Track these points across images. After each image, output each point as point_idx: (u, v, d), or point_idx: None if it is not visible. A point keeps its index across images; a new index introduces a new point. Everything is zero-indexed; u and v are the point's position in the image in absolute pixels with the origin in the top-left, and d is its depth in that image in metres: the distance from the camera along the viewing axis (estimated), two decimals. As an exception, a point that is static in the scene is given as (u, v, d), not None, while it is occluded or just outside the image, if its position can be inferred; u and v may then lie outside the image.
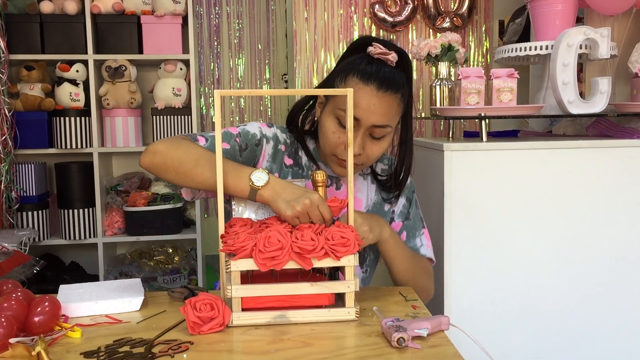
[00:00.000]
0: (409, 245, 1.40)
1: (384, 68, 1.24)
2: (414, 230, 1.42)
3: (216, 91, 1.09)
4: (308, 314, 1.09)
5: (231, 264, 1.05)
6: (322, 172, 1.18)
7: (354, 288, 1.09)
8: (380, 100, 1.22)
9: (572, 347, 1.63)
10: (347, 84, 1.24)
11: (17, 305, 1.04)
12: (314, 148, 1.39)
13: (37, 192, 2.71)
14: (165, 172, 1.22)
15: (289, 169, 1.36)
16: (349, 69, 1.25)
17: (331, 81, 1.30)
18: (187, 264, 2.95)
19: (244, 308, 1.08)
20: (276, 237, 1.05)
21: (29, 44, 2.68)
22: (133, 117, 2.82)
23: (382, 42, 1.28)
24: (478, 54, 2.88)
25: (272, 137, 1.36)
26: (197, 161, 1.19)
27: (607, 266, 1.61)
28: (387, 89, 1.22)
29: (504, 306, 1.61)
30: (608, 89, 1.61)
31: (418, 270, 1.36)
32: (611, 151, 1.59)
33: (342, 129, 1.24)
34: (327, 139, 1.27)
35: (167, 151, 1.21)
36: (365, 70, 1.23)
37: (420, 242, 1.42)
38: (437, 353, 0.97)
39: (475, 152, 1.57)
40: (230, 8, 3.16)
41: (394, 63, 1.25)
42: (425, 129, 2.89)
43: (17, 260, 2.22)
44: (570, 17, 1.75)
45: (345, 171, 1.29)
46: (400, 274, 1.33)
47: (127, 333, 1.06)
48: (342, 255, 1.06)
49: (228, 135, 1.30)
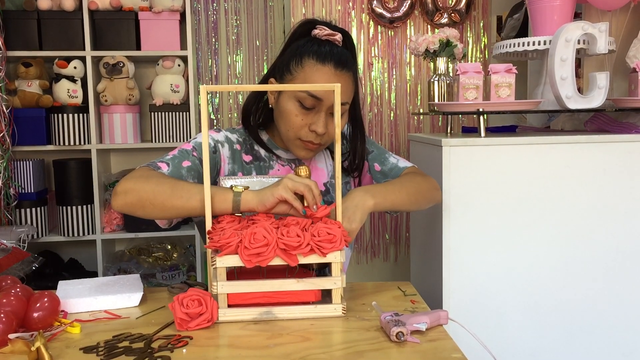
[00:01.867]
0: (387, 168, 1.44)
1: (336, 48, 1.29)
2: (382, 154, 1.46)
3: (202, 87, 1.09)
4: (295, 310, 1.09)
5: (217, 260, 1.05)
6: (305, 167, 1.19)
7: (340, 284, 1.09)
8: (339, 78, 1.27)
9: (571, 342, 1.63)
10: (305, 67, 1.28)
11: (16, 301, 1.04)
12: (267, 139, 1.42)
13: (36, 189, 2.71)
14: (142, 208, 1.18)
15: (250, 165, 1.38)
16: (303, 52, 1.29)
17: (282, 66, 1.33)
18: (186, 260, 2.95)
19: (231, 304, 1.09)
20: (262, 234, 1.05)
21: (26, 40, 2.67)
22: (131, 114, 2.82)
23: (325, 24, 1.33)
24: (476, 49, 2.88)
25: (224, 140, 1.38)
26: (173, 188, 1.17)
27: (606, 261, 1.62)
28: (343, 67, 1.28)
29: (502, 301, 1.61)
30: (606, 84, 1.61)
31: (416, 187, 1.35)
32: (609, 146, 1.60)
33: (304, 110, 1.27)
34: (291, 123, 1.29)
35: (139, 187, 1.18)
36: (320, 51, 1.27)
37: (394, 158, 1.47)
38: (436, 347, 0.97)
39: (473, 147, 1.58)
40: (227, 4, 3.15)
41: (340, 43, 1.31)
42: (423, 125, 2.89)
43: (15, 257, 2.21)
44: (568, 13, 1.75)
45: (309, 154, 1.34)
46: (408, 205, 1.32)
47: (126, 328, 1.07)
48: (328, 251, 1.06)
49: (185, 153, 1.30)
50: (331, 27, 1.33)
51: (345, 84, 1.28)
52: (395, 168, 1.44)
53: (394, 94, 2.86)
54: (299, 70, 1.28)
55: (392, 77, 2.85)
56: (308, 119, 1.28)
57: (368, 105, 2.84)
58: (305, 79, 1.27)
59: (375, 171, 1.44)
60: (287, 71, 1.31)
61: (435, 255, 1.65)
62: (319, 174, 1.42)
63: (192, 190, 1.16)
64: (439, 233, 1.61)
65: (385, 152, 1.47)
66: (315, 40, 1.30)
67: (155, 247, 2.96)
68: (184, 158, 1.29)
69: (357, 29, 2.80)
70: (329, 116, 1.29)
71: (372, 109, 2.85)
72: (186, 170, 1.27)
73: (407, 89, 2.86)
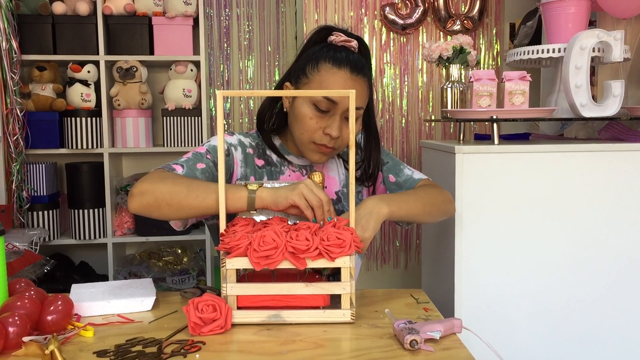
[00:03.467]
0: (401, 180, 1.43)
1: (352, 54, 1.30)
2: (397, 166, 1.46)
3: (218, 92, 1.10)
4: (303, 314, 1.09)
5: (226, 262, 1.06)
6: (319, 173, 1.20)
7: (349, 290, 1.08)
8: (354, 83, 1.28)
9: (583, 350, 1.62)
10: (321, 71, 1.29)
11: (30, 303, 1.04)
12: (280, 144, 1.42)
13: (48, 192, 2.73)
14: (158, 209, 1.18)
15: (262, 170, 1.39)
16: (319, 57, 1.30)
17: (298, 71, 1.34)
18: (196, 264, 2.96)
19: (240, 307, 1.09)
20: (271, 237, 1.05)
21: (41, 44, 2.69)
22: (143, 118, 2.83)
23: (341, 31, 1.35)
24: (489, 57, 2.88)
25: (237, 143, 1.39)
26: (189, 187, 1.18)
27: (619, 269, 1.60)
28: (359, 73, 1.29)
29: (513, 309, 1.60)
30: (621, 92, 1.60)
31: (431, 198, 1.34)
32: (623, 154, 1.59)
33: (319, 114, 1.28)
34: (305, 126, 1.29)
35: (154, 187, 1.18)
36: (336, 56, 1.29)
37: (409, 170, 1.46)
38: (450, 356, 0.97)
39: (486, 154, 1.57)
40: (240, 10, 3.17)
41: (356, 50, 1.32)
42: (434, 132, 2.88)
43: (27, 259, 2.23)
44: (582, 20, 1.74)
45: (322, 157, 1.34)
46: (422, 216, 1.31)
47: (139, 332, 1.07)
48: (336, 256, 1.06)
49: (199, 155, 1.31)
50: (347, 34, 1.35)
51: (360, 89, 1.29)
52: (410, 180, 1.43)
53: (405, 101, 2.85)
54: (315, 74, 1.29)
55: (403, 84, 2.84)
56: (323, 122, 1.28)
57: (380, 111, 2.84)
58: (321, 82, 1.28)
59: (390, 182, 1.44)
60: (303, 75, 1.32)
61: (447, 263, 1.64)
62: (330, 182, 1.42)
63: (208, 189, 1.16)
64: (451, 240, 1.60)
65: (400, 164, 1.47)
66: (331, 46, 1.31)
67: (166, 251, 2.97)
68: (198, 160, 1.30)
69: (370, 35, 2.80)
70: (343, 120, 1.29)
71: (383, 115, 2.85)
72: (200, 172, 1.28)
73: (419, 96, 2.86)
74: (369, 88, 1.33)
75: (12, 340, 0.97)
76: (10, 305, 1.03)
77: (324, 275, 1.14)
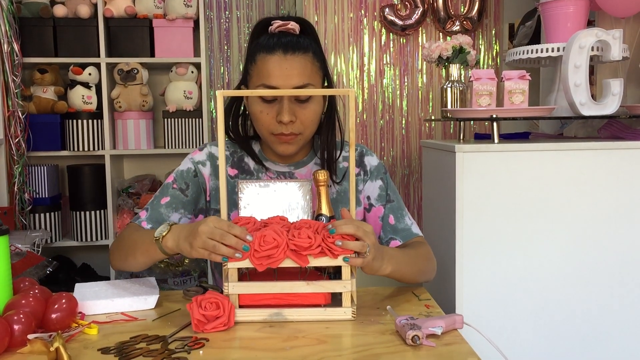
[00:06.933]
0: (400, 226, 1.36)
1: (285, 37, 1.26)
2: (400, 210, 1.39)
3: (218, 92, 1.11)
4: (304, 312, 1.10)
5: (227, 263, 1.07)
6: (324, 171, 1.17)
7: (350, 288, 1.09)
8: (290, 62, 1.24)
9: (584, 348, 1.62)
10: (257, 62, 1.26)
11: (34, 302, 1.05)
12: (259, 150, 1.40)
13: (50, 194, 2.73)
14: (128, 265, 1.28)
15: (234, 180, 1.36)
16: (254, 50, 1.28)
17: (244, 72, 1.33)
18: (197, 266, 2.96)
19: (242, 305, 1.09)
20: (272, 236, 1.05)
21: (42, 47, 2.70)
22: (144, 120, 2.84)
23: (280, 18, 1.31)
24: (488, 57, 2.89)
25: (206, 158, 1.37)
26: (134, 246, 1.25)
27: (619, 268, 1.61)
28: (294, 51, 1.24)
29: (515, 307, 1.61)
30: (620, 91, 1.61)
31: (420, 264, 1.30)
32: (623, 153, 1.59)
33: (267, 105, 1.26)
34: (260, 121, 1.28)
35: (114, 248, 1.31)
36: (268, 43, 1.26)
37: (410, 220, 1.39)
38: (452, 351, 0.97)
39: (487, 153, 1.58)
40: (240, 12, 3.18)
41: (296, 31, 1.28)
42: (434, 132, 2.89)
43: (30, 261, 2.23)
44: (581, 20, 1.75)
45: (288, 147, 1.30)
46: (407, 279, 1.27)
47: (142, 330, 1.07)
48: (339, 253, 1.06)
49: (165, 189, 1.35)
50: (285, 18, 1.30)
51: (301, 66, 1.24)
52: (407, 231, 1.37)
53: (405, 101, 2.86)
54: (253, 68, 1.27)
55: (403, 84, 2.85)
56: (273, 112, 1.26)
57: (380, 112, 2.85)
58: (259, 73, 1.25)
59: (388, 223, 1.37)
60: (246, 73, 1.31)
61: (448, 261, 1.65)
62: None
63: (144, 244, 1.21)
64: (451, 239, 1.61)
65: (403, 208, 1.40)
66: (265, 37, 1.28)
67: (167, 253, 2.97)
68: (163, 195, 1.34)
69: (369, 36, 2.81)
70: (294, 103, 1.26)
71: (383, 116, 2.86)
72: (165, 207, 1.32)
73: (419, 96, 2.87)
74: (317, 62, 1.28)
75: (17, 337, 0.98)
76: (15, 303, 1.04)
77: (326, 273, 1.15)
